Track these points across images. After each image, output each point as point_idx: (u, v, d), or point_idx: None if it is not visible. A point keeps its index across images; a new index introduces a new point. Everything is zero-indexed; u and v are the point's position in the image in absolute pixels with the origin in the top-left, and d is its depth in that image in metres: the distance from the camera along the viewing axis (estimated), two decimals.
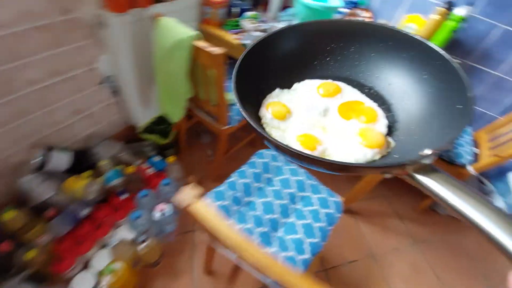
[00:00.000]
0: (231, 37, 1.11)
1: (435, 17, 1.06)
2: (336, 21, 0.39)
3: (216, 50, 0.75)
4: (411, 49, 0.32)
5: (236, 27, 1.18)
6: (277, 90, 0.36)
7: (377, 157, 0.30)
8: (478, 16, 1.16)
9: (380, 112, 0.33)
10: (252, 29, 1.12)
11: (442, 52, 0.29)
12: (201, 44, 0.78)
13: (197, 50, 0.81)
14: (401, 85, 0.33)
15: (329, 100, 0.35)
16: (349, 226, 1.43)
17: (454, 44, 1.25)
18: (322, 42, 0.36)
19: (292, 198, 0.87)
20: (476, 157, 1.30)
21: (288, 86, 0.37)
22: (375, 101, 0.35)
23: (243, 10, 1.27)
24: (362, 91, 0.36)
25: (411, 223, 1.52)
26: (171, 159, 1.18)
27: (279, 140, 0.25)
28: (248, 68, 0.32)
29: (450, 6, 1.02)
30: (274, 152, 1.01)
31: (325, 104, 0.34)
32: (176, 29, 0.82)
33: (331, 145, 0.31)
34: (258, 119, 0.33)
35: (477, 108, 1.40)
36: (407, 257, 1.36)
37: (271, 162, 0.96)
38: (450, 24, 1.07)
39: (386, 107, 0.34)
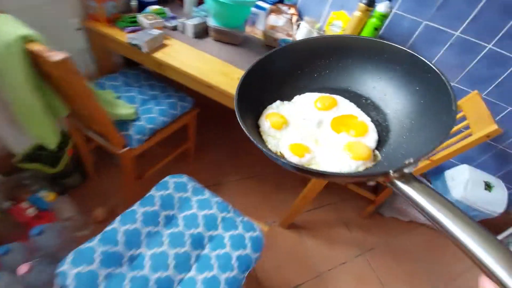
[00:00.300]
0: (125, 36, 0.89)
1: (357, 14, 0.97)
2: (330, 38, 0.44)
3: (55, 55, 0.52)
4: (403, 61, 0.33)
5: (134, 24, 0.95)
6: (278, 102, 0.38)
7: (361, 168, 0.32)
8: (400, 12, 1.11)
9: (371, 127, 0.35)
10: (150, 26, 0.91)
11: (431, 64, 0.30)
12: (36, 47, 0.55)
13: (34, 56, 0.57)
14: (395, 96, 0.35)
15: (324, 113, 0.37)
16: (294, 243, 1.30)
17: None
18: (319, 57, 0.39)
19: (198, 242, 0.68)
20: None
21: (289, 98, 0.39)
22: (371, 111, 0.37)
23: (148, 4, 1.04)
24: (360, 102, 0.37)
25: (357, 230, 1.45)
26: (51, 196, 0.90)
27: (272, 148, 0.33)
28: (251, 83, 0.35)
29: (370, 3, 0.94)
30: (182, 179, 0.82)
31: (320, 117, 0.36)
32: (3, 29, 0.57)
33: (319, 155, 0.34)
34: (257, 127, 0.36)
35: None
36: (354, 270, 1.28)
37: (175, 194, 0.76)
38: (373, 22, 1.00)
39: (382, 117, 0.35)
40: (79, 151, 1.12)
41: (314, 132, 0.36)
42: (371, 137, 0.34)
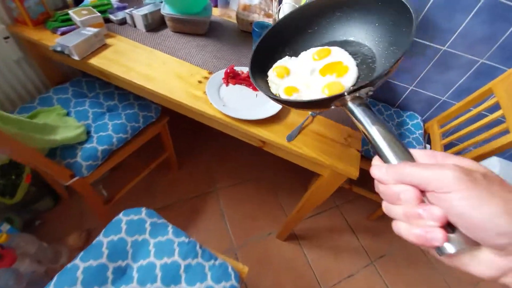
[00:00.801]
0: (55, 41, 0.70)
1: None
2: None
3: None
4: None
5: (68, 23, 0.76)
6: (286, 57, 0.48)
7: None
8: None
9: (352, 69, 0.42)
10: (82, 24, 0.72)
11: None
12: None
13: None
14: (378, 36, 0.43)
15: (317, 63, 0.44)
16: (293, 257, 1.16)
17: None
18: (325, 14, 0.47)
19: None
20: None
21: (296, 54, 0.48)
22: (366, 57, 0.43)
23: None
24: (357, 51, 0.44)
25: (365, 236, 1.29)
26: (2, 237, 0.79)
27: (273, 91, 0.45)
28: (266, 43, 0.46)
29: None
30: (140, 215, 0.67)
31: (313, 66, 0.44)
32: None
33: (305, 95, 0.43)
34: (265, 76, 0.47)
35: (425, 92, 1.13)
36: (362, 282, 1.14)
37: (129, 237, 0.62)
38: None
39: (369, 51, 0.43)
40: (42, 175, 1.00)
41: (307, 78, 0.44)
42: (349, 77, 0.41)
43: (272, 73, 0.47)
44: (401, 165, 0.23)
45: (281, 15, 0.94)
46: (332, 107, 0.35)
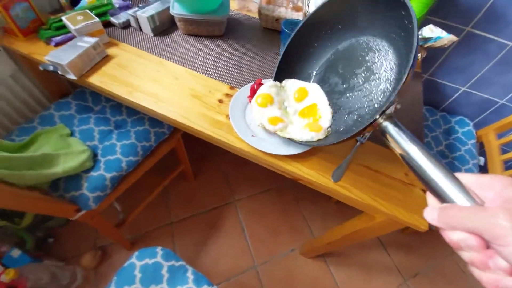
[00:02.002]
0: (45, 58, 0.59)
1: None
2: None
3: None
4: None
5: (63, 31, 0.64)
6: (271, 82, 0.53)
7: (315, 138, 0.45)
8: None
9: (326, 113, 0.48)
10: (78, 33, 0.60)
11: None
12: None
13: None
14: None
15: (297, 104, 0.52)
16: (319, 276, 1.07)
17: (445, 2, 0.77)
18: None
19: None
20: (483, 169, 0.91)
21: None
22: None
23: None
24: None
25: (398, 252, 1.18)
26: (11, 273, 0.73)
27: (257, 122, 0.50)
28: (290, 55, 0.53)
29: None
30: (155, 259, 0.58)
31: (295, 107, 0.52)
32: None
33: (289, 128, 0.49)
34: None
35: (480, 94, 0.96)
36: None
37: None
38: None
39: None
40: None
41: (290, 115, 0.51)
42: (325, 120, 0.47)
43: (254, 102, 0.50)
44: (450, 210, 0.21)
45: (312, 8, 0.78)
46: (367, 134, 0.38)
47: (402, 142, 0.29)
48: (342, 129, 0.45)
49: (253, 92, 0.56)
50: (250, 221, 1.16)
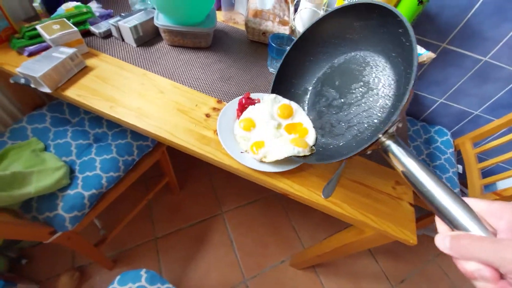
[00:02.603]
0: (17, 70, 0.55)
1: None
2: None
3: None
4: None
5: (38, 40, 0.60)
6: (250, 108, 0.55)
7: (302, 153, 0.45)
8: None
9: (311, 130, 0.50)
10: (54, 43, 0.56)
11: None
12: None
13: None
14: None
15: (282, 120, 0.52)
16: (309, 287, 1.06)
17: (423, 20, 0.81)
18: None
19: None
20: (462, 177, 0.95)
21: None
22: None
23: (62, 1, 0.68)
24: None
25: (385, 259, 1.19)
26: None
27: (243, 148, 0.50)
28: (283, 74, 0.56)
29: None
30: (139, 283, 0.54)
31: (278, 121, 0.52)
32: None
33: (271, 149, 0.48)
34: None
35: (456, 105, 1.01)
36: None
37: None
38: None
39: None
40: None
41: (273, 132, 0.50)
42: (311, 136, 0.49)
43: (238, 127, 0.51)
44: (464, 240, 0.20)
45: (298, 22, 0.79)
46: (369, 152, 0.35)
47: (407, 163, 0.29)
48: (342, 143, 0.45)
49: (241, 106, 0.55)
50: (239, 233, 1.14)
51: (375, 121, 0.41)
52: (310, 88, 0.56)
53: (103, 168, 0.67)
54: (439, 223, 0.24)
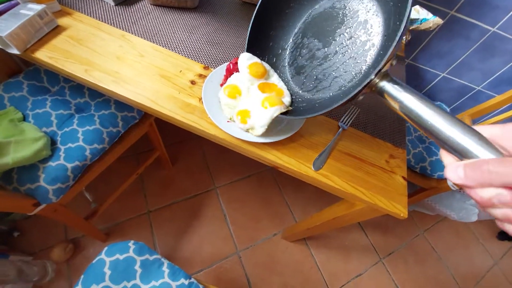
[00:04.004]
0: None
1: None
2: None
3: None
4: None
5: None
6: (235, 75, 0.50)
7: (277, 112, 0.43)
8: None
9: (286, 92, 0.46)
10: None
11: None
12: None
13: None
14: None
15: (256, 80, 0.47)
16: (300, 259, 1.09)
17: None
18: None
19: None
20: None
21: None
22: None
23: None
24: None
25: (375, 232, 1.23)
26: None
27: (226, 115, 0.48)
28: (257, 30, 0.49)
29: None
30: (127, 254, 0.54)
31: (251, 81, 0.48)
32: None
33: (254, 115, 0.44)
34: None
35: (458, 80, 0.96)
36: (370, 282, 1.10)
37: (114, 286, 0.50)
38: None
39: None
40: None
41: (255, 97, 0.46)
42: (286, 98, 0.45)
43: (223, 94, 0.47)
44: (481, 165, 0.19)
45: None
46: (361, 97, 0.32)
47: (406, 100, 0.26)
48: (328, 96, 0.41)
49: (229, 72, 0.51)
50: (232, 208, 1.15)
51: (363, 67, 0.38)
52: (290, 41, 0.50)
53: (86, 139, 0.64)
54: (444, 156, 0.23)
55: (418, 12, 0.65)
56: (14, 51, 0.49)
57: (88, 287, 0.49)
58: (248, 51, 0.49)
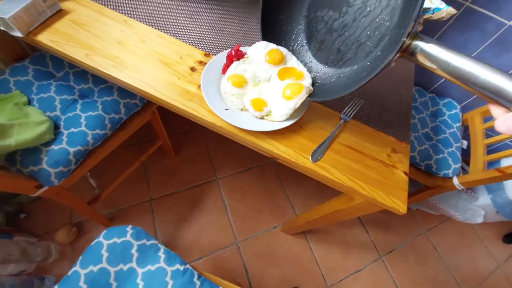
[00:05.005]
0: None
1: None
2: None
3: None
4: None
5: None
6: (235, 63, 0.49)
7: (300, 101, 0.43)
8: None
9: (306, 74, 0.45)
10: None
11: None
12: None
13: None
14: None
15: (273, 67, 0.47)
16: (299, 252, 1.09)
17: None
18: None
19: None
20: (465, 154, 0.91)
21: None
22: None
23: None
24: None
25: (376, 230, 1.21)
26: None
27: (233, 107, 0.46)
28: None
29: None
30: (125, 238, 0.55)
31: (269, 71, 0.47)
32: None
33: (272, 104, 0.45)
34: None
35: None
36: (368, 278, 1.10)
37: (111, 267, 0.51)
38: None
39: None
40: None
41: (266, 85, 0.47)
42: (307, 80, 0.45)
43: (228, 84, 0.46)
44: None
45: None
46: (393, 64, 0.31)
47: (448, 59, 0.26)
48: (356, 67, 0.39)
49: (230, 60, 0.50)
50: (233, 199, 1.15)
51: (388, 26, 0.35)
52: (304, 18, 0.48)
53: (88, 125, 0.65)
54: (493, 108, 0.23)
55: (431, 1, 0.62)
56: (17, 33, 0.49)
57: (86, 267, 0.50)
58: (263, 39, 0.48)
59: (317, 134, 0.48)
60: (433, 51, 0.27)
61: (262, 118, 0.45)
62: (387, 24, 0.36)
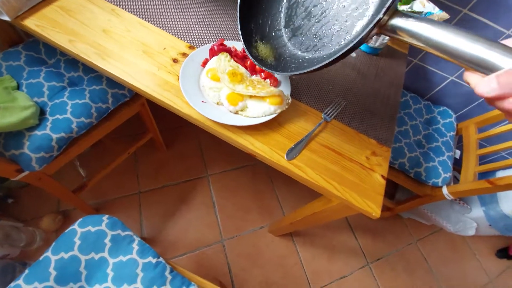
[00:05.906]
0: None
1: None
2: None
3: None
4: None
5: None
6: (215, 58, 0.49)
7: (279, 110, 0.45)
8: None
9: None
10: None
11: None
12: None
13: None
14: None
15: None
16: (285, 255, 1.08)
17: None
18: None
19: None
20: (458, 163, 0.89)
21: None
22: None
23: None
24: None
25: (365, 236, 1.20)
26: None
27: (210, 100, 0.46)
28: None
29: None
30: (99, 227, 0.55)
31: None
32: None
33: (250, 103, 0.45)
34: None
35: (468, 85, 0.91)
36: (356, 285, 1.08)
37: (83, 255, 0.51)
38: None
39: None
40: None
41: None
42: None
43: (206, 77, 0.46)
44: None
45: None
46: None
47: (423, 31, 0.25)
48: (331, 51, 0.38)
49: (212, 53, 0.50)
50: (222, 197, 1.14)
51: (368, 7, 0.35)
52: (284, 3, 0.46)
53: (74, 112, 0.65)
54: (470, 76, 0.24)
55: (423, 6, 0.61)
56: (5, 17, 0.50)
57: (57, 254, 0.50)
58: (241, 28, 0.44)
59: (295, 133, 0.47)
60: (412, 27, 0.26)
61: (236, 112, 0.44)
62: (370, 4, 0.35)
